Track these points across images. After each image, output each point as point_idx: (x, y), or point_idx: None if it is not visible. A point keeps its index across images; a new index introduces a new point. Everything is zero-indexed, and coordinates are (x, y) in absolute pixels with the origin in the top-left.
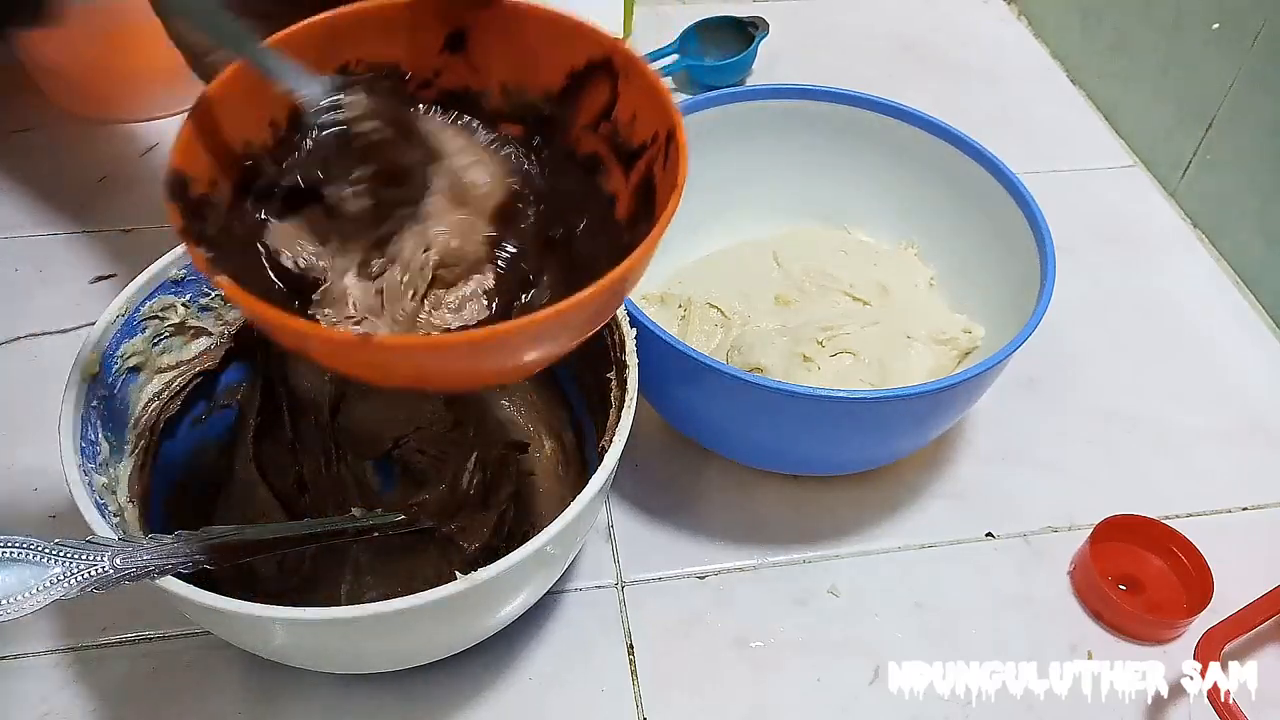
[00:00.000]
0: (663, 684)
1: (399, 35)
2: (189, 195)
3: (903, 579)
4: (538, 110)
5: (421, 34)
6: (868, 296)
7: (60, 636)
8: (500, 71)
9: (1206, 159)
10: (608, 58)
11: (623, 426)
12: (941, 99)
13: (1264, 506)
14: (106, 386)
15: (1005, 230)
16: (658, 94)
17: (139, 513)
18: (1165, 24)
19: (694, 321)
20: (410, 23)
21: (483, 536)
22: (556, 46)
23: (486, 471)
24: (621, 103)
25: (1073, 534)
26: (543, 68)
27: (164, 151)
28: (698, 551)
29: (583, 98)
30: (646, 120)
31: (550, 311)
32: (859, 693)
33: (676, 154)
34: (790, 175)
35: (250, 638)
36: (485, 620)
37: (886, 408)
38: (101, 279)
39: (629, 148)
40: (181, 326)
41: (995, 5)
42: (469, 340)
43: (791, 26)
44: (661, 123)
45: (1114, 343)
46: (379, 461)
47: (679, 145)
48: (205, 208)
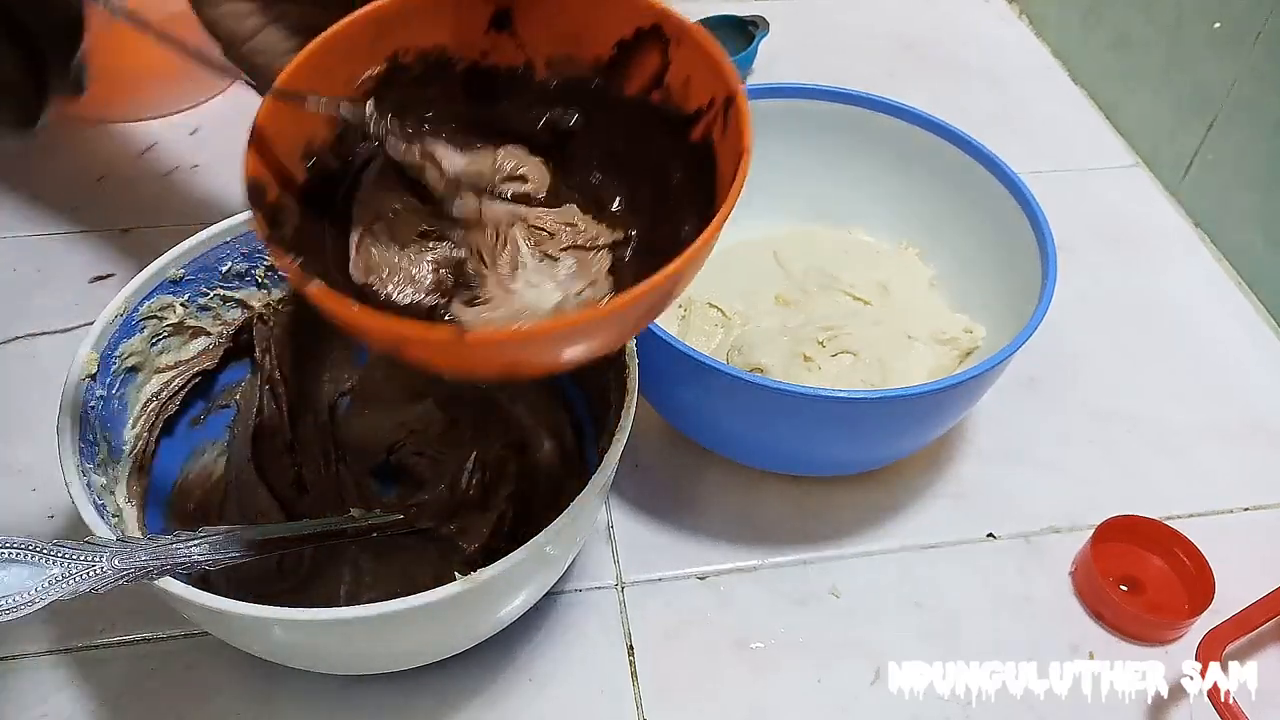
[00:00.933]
0: (663, 685)
1: (445, 18)
2: (265, 202)
3: (903, 579)
4: (586, 82)
5: (467, 14)
6: (868, 296)
7: (59, 637)
8: (547, 47)
9: (1208, 158)
10: (657, 24)
11: (623, 426)
12: (942, 98)
13: (1265, 507)
14: (105, 386)
15: (1006, 230)
16: (713, 59)
17: (137, 513)
18: (1166, 23)
19: (694, 321)
20: (455, 4)
21: (482, 537)
22: (603, 17)
23: (486, 472)
24: (674, 69)
25: (1074, 534)
26: (589, 39)
27: (162, 152)
28: (698, 552)
29: (632, 66)
30: (701, 86)
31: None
32: (859, 693)
33: (739, 119)
34: (790, 175)
35: (249, 638)
36: (485, 621)
37: (887, 408)
38: (100, 279)
39: (683, 113)
40: (180, 326)
41: (996, 4)
42: (555, 328)
43: (792, 26)
44: (718, 88)
45: (1115, 343)
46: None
47: (740, 111)
48: (280, 213)
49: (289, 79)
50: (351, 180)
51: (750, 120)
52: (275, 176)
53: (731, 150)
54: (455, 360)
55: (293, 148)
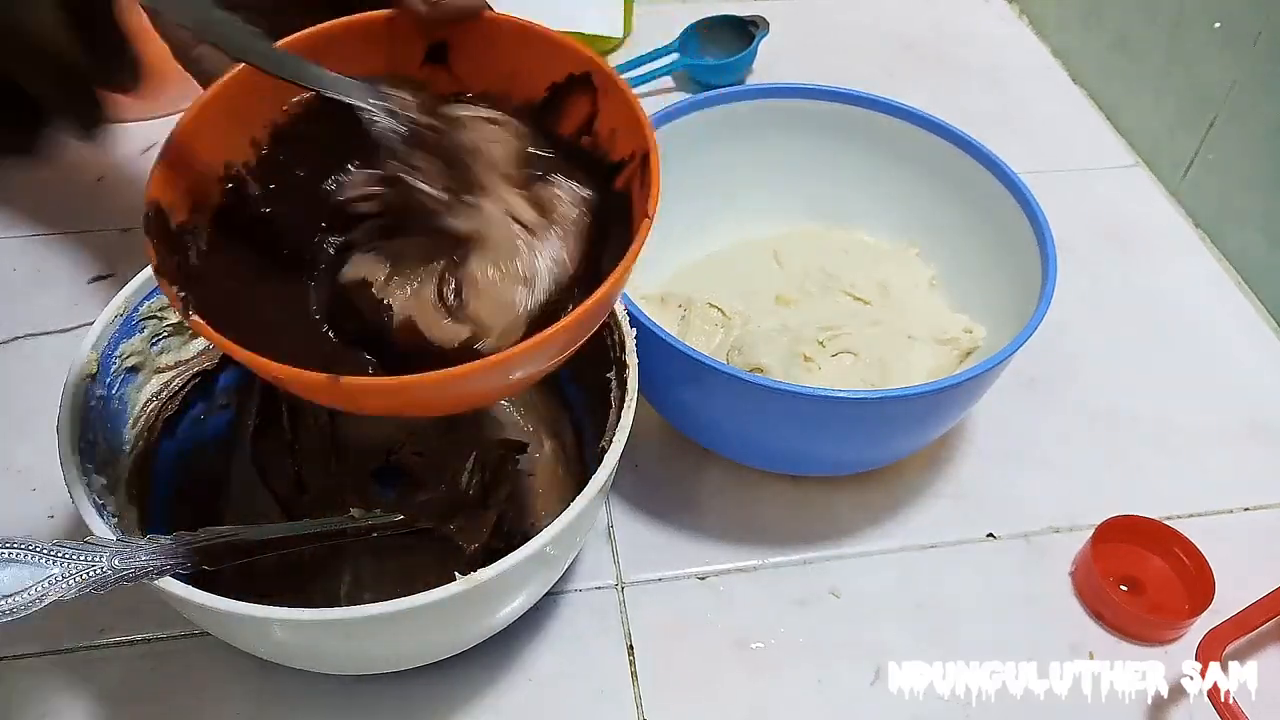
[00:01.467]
0: (663, 685)
1: (380, 48)
2: (169, 227)
3: (904, 580)
4: (522, 118)
5: (403, 47)
6: (868, 296)
7: (59, 637)
8: (482, 82)
9: (1208, 158)
10: (586, 73)
11: (623, 426)
12: (942, 98)
13: (1266, 507)
14: (105, 387)
15: (1006, 230)
16: (634, 114)
17: (137, 513)
18: (1167, 23)
19: (694, 321)
20: (390, 36)
21: (482, 537)
22: (536, 59)
23: (485, 472)
24: (602, 117)
25: (1074, 534)
26: (524, 79)
27: None
28: (698, 552)
29: (565, 109)
30: (625, 138)
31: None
32: (860, 693)
33: (650, 178)
34: (790, 175)
35: (249, 638)
36: (485, 621)
37: (887, 408)
38: (99, 279)
39: (609, 161)
40: (180, 326)
41: (996, 4)
42: (436, 379)
43: (792, 25)
44: (638, 144)
45: (1115, 343)
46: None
47: (652, 171)
48: (186, 236)
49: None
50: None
51: (659, 183)
52: (186, 198)
53: (640, 209)
54: (338, 401)
55: (209, 168)
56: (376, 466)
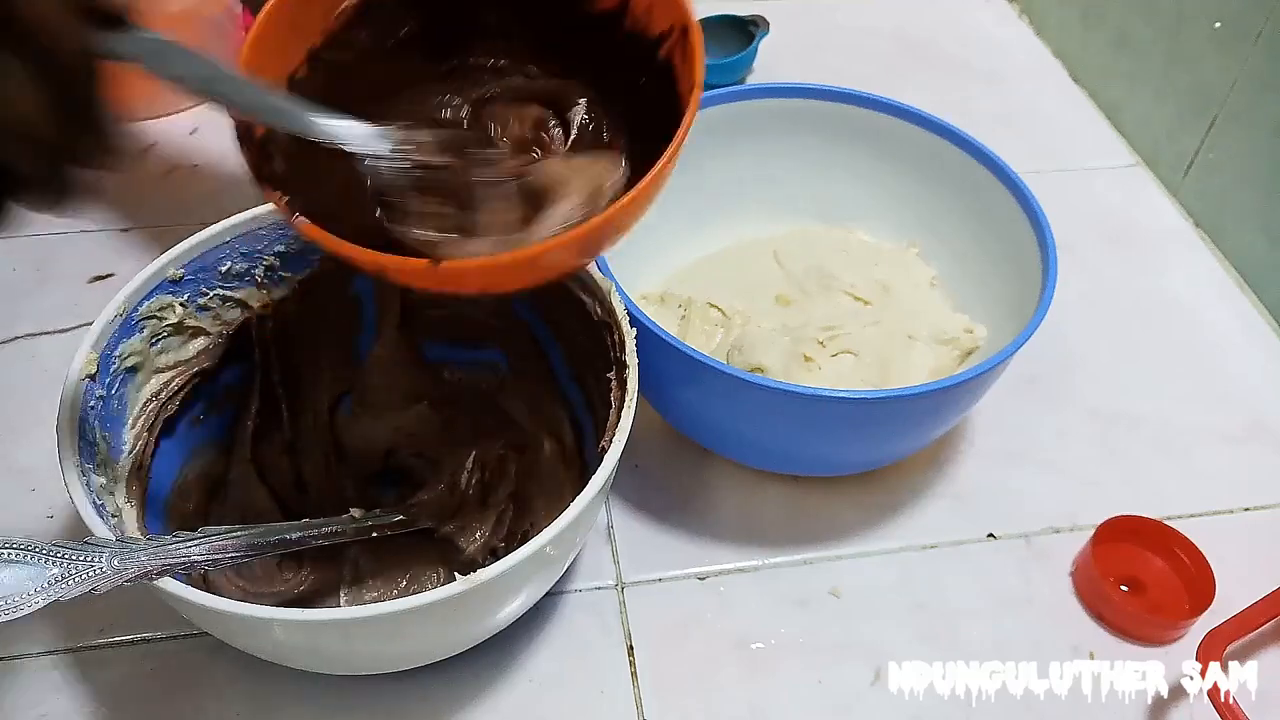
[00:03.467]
0: (663, 685)
1: None
2: (254, 137)
3: (904, 580)
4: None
5: None
6: (869, 296)
7: (58, 638)
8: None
9: (1209, 158)
10: None
11: (623, 426)
12: (943, 98)
13: (1266, 507)
14: (104, 386)
15: (1007, 230)
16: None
17: (137, 513)
18: (1167, 23)
19: (694, 321)
20: None
21: (482, 537)
22: None
23: (485, 471)
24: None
25: (1074, 534)
26: None
27: (162, 152)
28: (698, 552)
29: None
30: (662, 12)
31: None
32: (860, 694)
33: (691, 50)
34: (790, 175)
35: (248, 639)
36: (485, 621)
37: (887, 408)
38: (99, 279)
39: (648, 37)
40: (179, 326)
41: (997, 4)
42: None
43: (792, 25)
44: (675, 17)
45: (1116, 342)
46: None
47: (693, 41)
48: (270, 145)
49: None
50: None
51: (702, 51)
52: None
53: (686, 79)
54: (432, 283)
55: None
56: (376, 467)
